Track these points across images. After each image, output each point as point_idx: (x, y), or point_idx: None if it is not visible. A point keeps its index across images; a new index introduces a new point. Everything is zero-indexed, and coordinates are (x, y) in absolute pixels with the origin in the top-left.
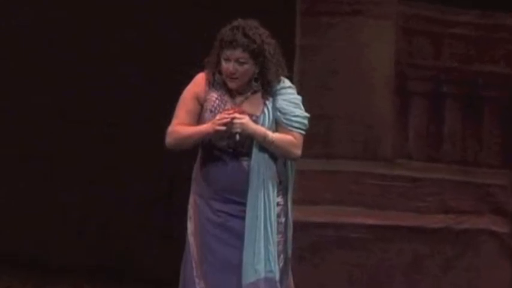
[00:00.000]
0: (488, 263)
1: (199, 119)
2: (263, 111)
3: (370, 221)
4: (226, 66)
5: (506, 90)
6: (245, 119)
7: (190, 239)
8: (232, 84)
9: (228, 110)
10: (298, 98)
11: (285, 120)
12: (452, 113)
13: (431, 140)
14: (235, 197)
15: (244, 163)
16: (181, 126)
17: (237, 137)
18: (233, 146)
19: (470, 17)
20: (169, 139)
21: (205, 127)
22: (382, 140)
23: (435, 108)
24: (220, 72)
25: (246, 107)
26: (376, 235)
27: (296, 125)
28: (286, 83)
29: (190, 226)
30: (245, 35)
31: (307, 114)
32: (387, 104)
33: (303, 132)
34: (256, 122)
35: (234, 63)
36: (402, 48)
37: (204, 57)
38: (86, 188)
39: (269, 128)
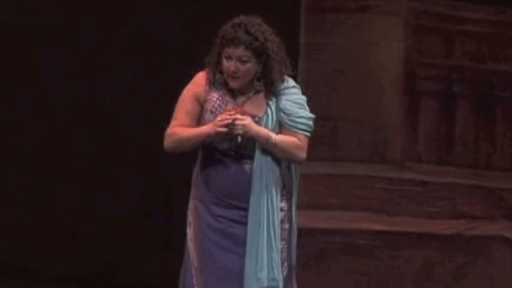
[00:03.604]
0: (501, 271)
1: (199, 120)
2: (266, 112)
3: (378, 227)
4: (228, 64)
5: None
6: (247, 120)
7: (190, 245)
8: (233, 84)
9: (229, 110)
10: (302, 99)
11: (289, 122)
12: (464, 114)
13: (442, 142)
14: (237, 201)
15: (246, 166)
16: (181, 128)
17: (239, 139)
18: (235, 149)
19: (482, 14)
20: (167, 141)
21: (205, 128)
22: (390, 142)
23: (446, 108)
24: (221, 72)
25: (248, 107)
26: (385, 242)
27: (301, 126)
28: (290, 82)
29: (190, 232)
30: (247, 32)
31: (312, 115)
32: (396, 105)
33: (308, 134)
34: (258, 123)
35: (236, 61)
36: (412, 47)
37: (205, 55)
38: (81, 193)
39: (272, 130)
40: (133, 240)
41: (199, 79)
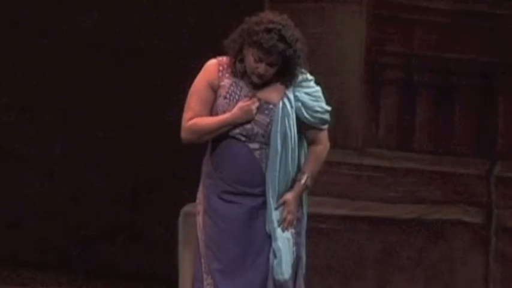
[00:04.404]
0: (460, 255)
1: (212, 107)
2: (282, 101)
3: (341, 212)
4: (256, 65)
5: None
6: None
7: (199, 233)
8: (257, 81)
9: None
10: (318, 91)
11: (307, 116)
12: (424, 102)
13: (402, 129)
14: (248, 188)
15: (256, 152)
16: (199, 119)
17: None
18: (245, 133)
19: (442, 3)
20: (187, 134)
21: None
22: (352, 129)
23: (406, 96)
24: (240, 61)
25: (262, 94)
26: (347, 226)
27: (317, 121)
28: (308, 75)
29: (199, 221)
30: (282, 39)
31: (327, 108)
32: (357, 92)
33: (324, 127)
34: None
35: (266, 65)
36: (373, 36)
37: (192, 64)
38: (80, 192)
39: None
40: (135, 236)
41: (211, 67)
